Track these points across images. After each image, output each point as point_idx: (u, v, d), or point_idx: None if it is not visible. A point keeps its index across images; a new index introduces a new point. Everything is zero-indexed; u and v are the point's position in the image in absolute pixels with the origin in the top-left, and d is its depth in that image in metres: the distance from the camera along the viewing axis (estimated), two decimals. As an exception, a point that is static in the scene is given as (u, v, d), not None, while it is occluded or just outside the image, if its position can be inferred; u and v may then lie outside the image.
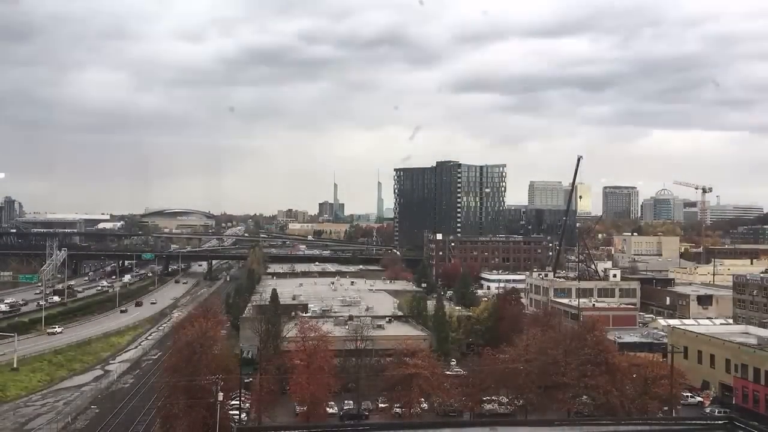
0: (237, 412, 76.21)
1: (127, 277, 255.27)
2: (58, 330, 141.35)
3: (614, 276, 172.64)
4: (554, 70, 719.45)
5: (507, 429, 31.89)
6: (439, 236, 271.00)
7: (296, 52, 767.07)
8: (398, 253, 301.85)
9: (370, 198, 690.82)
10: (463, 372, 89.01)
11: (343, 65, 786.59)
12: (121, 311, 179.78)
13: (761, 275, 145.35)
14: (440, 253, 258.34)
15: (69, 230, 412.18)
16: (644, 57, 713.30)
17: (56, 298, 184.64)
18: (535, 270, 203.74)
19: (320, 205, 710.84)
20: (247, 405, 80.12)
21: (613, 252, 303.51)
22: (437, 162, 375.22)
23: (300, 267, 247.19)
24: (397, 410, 79.17)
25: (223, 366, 73.94)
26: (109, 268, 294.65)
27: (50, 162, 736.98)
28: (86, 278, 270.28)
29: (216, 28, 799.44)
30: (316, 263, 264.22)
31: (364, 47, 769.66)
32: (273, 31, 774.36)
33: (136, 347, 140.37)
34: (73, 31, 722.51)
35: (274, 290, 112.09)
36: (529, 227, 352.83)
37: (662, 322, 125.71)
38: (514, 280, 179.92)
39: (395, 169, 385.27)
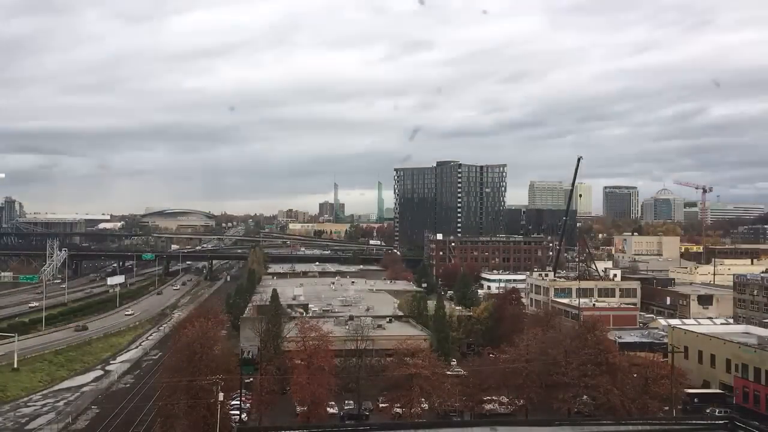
0: (237, 412, 76.25)
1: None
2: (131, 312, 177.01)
3: (615, 276, 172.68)
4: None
5: (507, 429, 31.93)
6: (440, 236, 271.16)
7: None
8: (398, 253, 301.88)
9: (371, 198, 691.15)
10: (464, 372, 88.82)
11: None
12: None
13: (762, 275, 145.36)
14: (440, 253, 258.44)
15: (69, 231, 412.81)
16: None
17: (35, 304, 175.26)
18: (535, 270, 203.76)
19: (320, 205, 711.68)
20: (248, 405, 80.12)
21: (613, 252, 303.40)
22: (437, 162, 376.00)
23: (300, 267, 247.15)
24: (398, 410, 79.13)
25: (224, 366, 73.84)
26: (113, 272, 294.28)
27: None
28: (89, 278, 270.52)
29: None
30: (317, 263, 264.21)
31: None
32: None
33: (137, 347, 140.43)
34: None
35: (275, 290, 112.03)
36: (530, 227, 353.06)
37: (663, 321, 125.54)
38: (514, 280, 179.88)
39: (395, 169, 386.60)
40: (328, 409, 79.61)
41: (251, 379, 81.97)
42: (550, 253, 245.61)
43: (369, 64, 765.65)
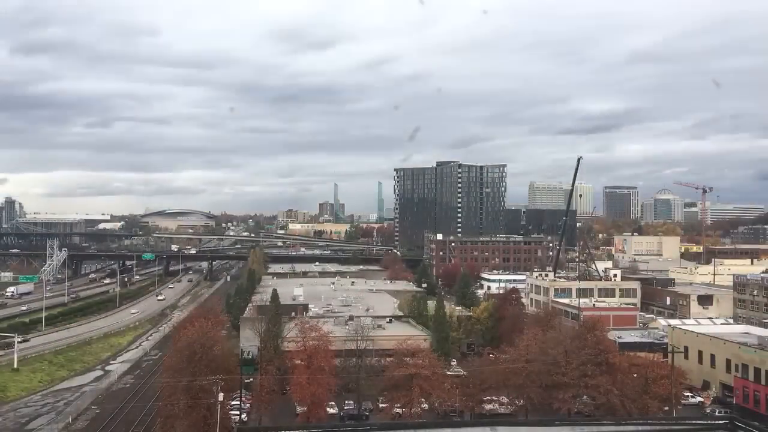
0: (237, 412, 76.25)
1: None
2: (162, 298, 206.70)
3: (615, 276, 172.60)
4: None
5: (507, 429, 31.82)
6: (440, 236, 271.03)
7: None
8: (398, 253, 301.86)
9: (371, 198, 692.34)
10: (464, 372, 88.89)
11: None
12: None
13: (762, 275, 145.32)
14: (440, 253, 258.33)
15: (69, 231, 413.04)
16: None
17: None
18: (535, 270, 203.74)
19: (320, 205, 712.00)
20: (248, 405, 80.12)
21: (613, 252, 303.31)
22: (437, 162, 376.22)
23: (300, 267, 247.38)
24: (398, 410, 79.13)
25: (224, 366, 73.85)
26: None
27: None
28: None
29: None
30: (317, 263, 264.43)
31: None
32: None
33: (137, 347, 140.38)
34: None
35: (275, 290, 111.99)
36: (530, 227, 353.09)
37: (663, 322, 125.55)
38: (514, 280, 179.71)
39: (395, 169, 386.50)
40: (328, 409, 79.71)
41: (251, 379, 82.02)
42: (550, 253, 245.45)
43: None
